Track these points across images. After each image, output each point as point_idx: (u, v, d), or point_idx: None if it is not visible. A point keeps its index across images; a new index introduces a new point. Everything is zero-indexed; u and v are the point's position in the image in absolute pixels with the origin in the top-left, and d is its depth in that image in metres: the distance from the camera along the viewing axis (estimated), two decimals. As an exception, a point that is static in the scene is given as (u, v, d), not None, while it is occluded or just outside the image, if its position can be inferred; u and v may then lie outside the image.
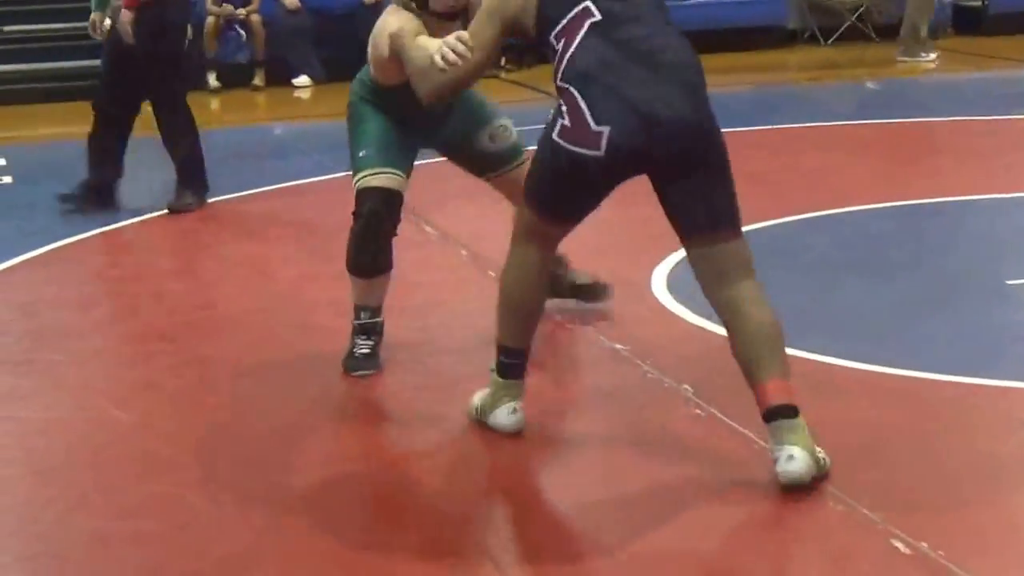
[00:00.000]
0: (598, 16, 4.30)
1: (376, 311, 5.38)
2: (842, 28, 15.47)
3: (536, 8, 4.38)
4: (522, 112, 11.73)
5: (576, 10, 4.31)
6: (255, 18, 13.65)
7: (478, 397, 4.71)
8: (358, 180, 5.21)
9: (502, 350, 4.62)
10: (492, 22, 4.44)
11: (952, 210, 7.53)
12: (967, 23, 15.83)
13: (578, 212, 4.46)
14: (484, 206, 8.08)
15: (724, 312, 4.28)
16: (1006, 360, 5.11)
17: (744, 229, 4.29)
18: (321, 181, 8.98)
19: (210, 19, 13.58)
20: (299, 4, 13.66)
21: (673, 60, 4.28)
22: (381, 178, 5.18)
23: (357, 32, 13.49)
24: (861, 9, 15.52)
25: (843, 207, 7.43)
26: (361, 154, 5.22)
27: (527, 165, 4.74)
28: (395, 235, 5.30)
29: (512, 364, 4.61)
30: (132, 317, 6.48)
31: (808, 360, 5.00)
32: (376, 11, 13.33)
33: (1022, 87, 12.25)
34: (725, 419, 4.60)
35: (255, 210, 8.41)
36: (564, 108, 4.25)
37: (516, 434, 4.57)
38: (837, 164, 8.71)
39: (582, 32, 4.29)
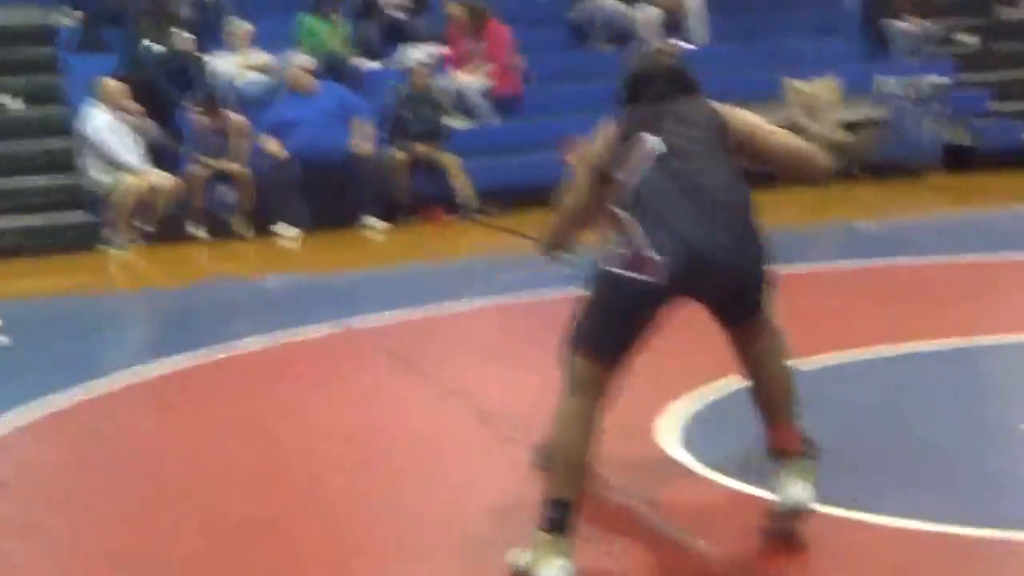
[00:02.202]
0: (661, 149, 4.65)
1: None
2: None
3: (610, 143, 4.77)
4: (497, 256, 11.84)
5: (640, 144, 4.68)
6: (243, 171, 13.56)
7: (519, 556, 4.63)
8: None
9: (553, 504, 4.58)
10: (583, 167, 4.87)
11: (964, 355, 7.45)
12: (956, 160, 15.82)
13: (631, 348, 4.62)
14: (486, 359, 8.10)
15: (749, 366, 4.83)
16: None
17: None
18: (315, 335, 8.81)
19: (198, 170, 13.48)
20: (287, 155, 13.57)
21: (724, 200, 4.61)
22: None
23: (343, 181, 13.62)
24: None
25: (846, 351, 7.35)
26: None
27: None
28: None
29: (563, 518, 4.56)
30: (137, 480, 6.27)
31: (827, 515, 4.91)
32: (364, 161, 13.50)
33: (1014, 225, 12.20)
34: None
35: (257, 363, 8.27)
36: (622, 238, 4.53)
37: None
38: (836, 307, 8.62)
39: (645, 165, 4.64)
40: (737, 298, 4.72)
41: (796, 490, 4.72)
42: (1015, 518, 4.91)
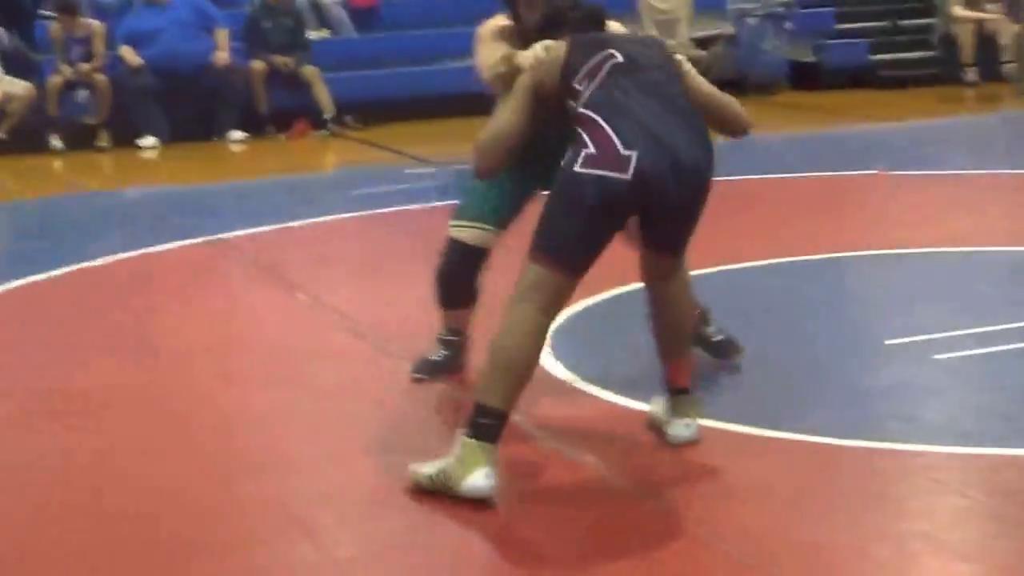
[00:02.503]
0: (621, 59, 4.63)
1: (456, 332, 5.81)
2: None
3: (563, 61, 4.68)
4: (368, 170, 11.95)
5: (600, 54, 4.65)
6: (101, 77, 13.50)
7: (432, 466, 4.54)
8: (450, 225, 5.62)
9: (483, 410, 4.48)
10: (523, 88, 4.76)
11: (822, 267, 7.65)
12: (804, 78, 16.18)
13: (592, 255, 4.57)
14: (355, 270, 8.21)
15: (658, 301, 4.88)
16: (882, 422, 5.22)
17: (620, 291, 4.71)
18: (180, 247, 8.83)
19: (55, 78, 13.41)
20: (142, 62, 13.55)
21: (686, 108, 4.62)
22: (469, 232, 5.57)
23: (203, 92, 13.63)
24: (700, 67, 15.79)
25: (713, 266, 7.33)
26: (462, 202, 5.66)
27: None
28: (475, 280, 5.65)
29: (492, 425, 4.47)
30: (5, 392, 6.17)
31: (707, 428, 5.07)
32: (223, 72, 13.51)
33: (859, 142, 12.54)
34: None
35: (122, 275, 8.26)
36: (587, 137, 4.47)
37: (487, 501, 4.45)
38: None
39: (604, 70, 4.61)
40: (687, 215, 4.66)
41: (681, 428, 4.96)
42: (878, 429, 5.11)
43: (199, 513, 4.65)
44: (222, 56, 13.78)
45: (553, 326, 6.33)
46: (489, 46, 5.35)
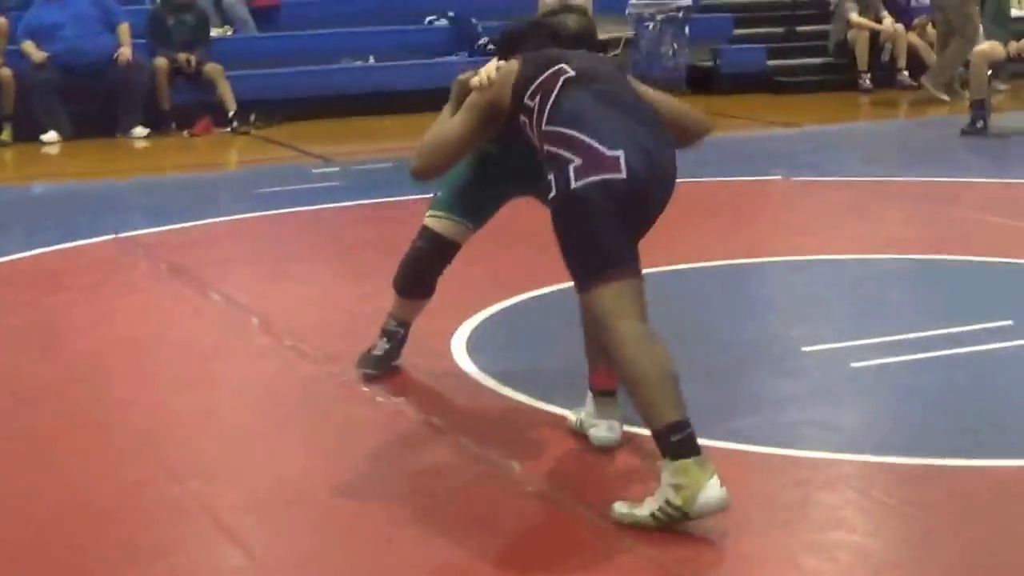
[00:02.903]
0: (572, 73, 4.59)
1: (402, 324, 5.85)
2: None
3: (515, 78, 4.65)
4: (272, 168, 11.92)
5: (551, 70, 4.61)
6: (5, 72, 13.35)
7: (650, 503, 4.28)
8: (426, 214, 5.68)
9: (665, 431, 4.25)
10: (473, 107, 4.73)
11: (730, 273, 7.69)
12: (701, 82, 16.32)
13: (633, 247, 4.46)
14: (264, 269, 8.17)
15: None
16: (803, 430, 5.29)
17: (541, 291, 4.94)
18: (87, 244, 8.78)
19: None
20: (45, 56, 13.41)
21: (647, 114, 4.60)
22: (443, 223, 5.63)
23: (107, 88, 13.51)
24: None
25: None
26: (438, 193, 5.69)
27: None
28: (440, 274, 5.71)
29: (684, 438, 4.23)
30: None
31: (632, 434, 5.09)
32: (126, 68, 13.36)
33: (759, 147, 12.65)
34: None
35: (28, 272, 8.20)
36: (567, 152, 4.41)
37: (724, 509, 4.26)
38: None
39: (558, 85, 4.57)
40: (654, 217, 4.58)
41: (605, 431, 5.03)
42: (799, 437, 5.19)
43: (122, 519, 4.61)
44: (125, 52, 13.66)
45: (469, 327, 6.50)
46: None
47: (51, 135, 13.36)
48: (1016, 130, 12.72)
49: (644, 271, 4.48)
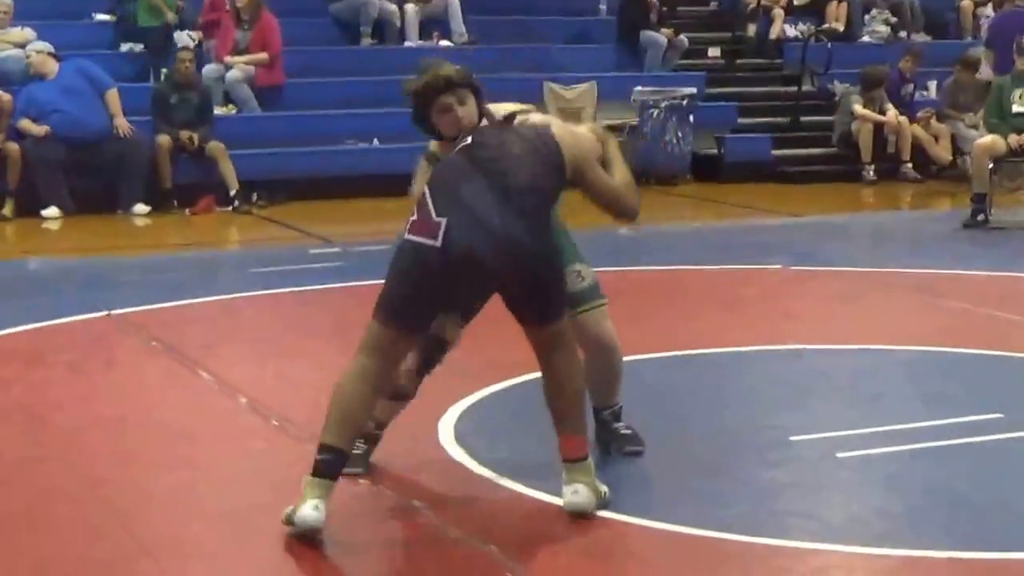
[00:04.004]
0: (470, 141, 5.01)
1: (379, 425, 5.68)
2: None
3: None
4: (272, 248, 11.93)
5: (465, 140, 5.07)
6: (12, 147, 13.38)
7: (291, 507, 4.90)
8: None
9: (322, 448, 4.90)
10: (423, 161, 5.45)
11: (726, 361, 7.67)
12: (706, 171, 16.34)
13: (420, 319, 5.01)
14: (257, 349, 8.14)
15: (545, 374, 5.13)
16: (786, 519, 5.25)
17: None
18: (78, 320, 8.74)
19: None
20: (46, 130, 13.45)
21: (519, 189, 4.89)
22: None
23: (108, 164, 13.53)
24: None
25: None
26: None
27: (597, 312, 5.49)
28: (423, 376, 5.57)
29: (327, 461, 4.89)
30: None
31: (608, 520, 5.10)
32: (124, 142, 13.40)
33: (762, 236, 12.65)
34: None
35: (16, 348, 8.15)
36: (416, 205, 4.93)
37: (314, 531, 4.79)
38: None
39: (455, 150, 5.05)
40: (533, 293, 4.99)
41: (570, 495, 5.08)
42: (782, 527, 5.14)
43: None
44: (121, 123, 13.69)
45: (458, 411, 6.45)
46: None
47: (52, 211, 13.35)
48: (1018, 224, 12.74)
49: (639, 357, 4.54)
